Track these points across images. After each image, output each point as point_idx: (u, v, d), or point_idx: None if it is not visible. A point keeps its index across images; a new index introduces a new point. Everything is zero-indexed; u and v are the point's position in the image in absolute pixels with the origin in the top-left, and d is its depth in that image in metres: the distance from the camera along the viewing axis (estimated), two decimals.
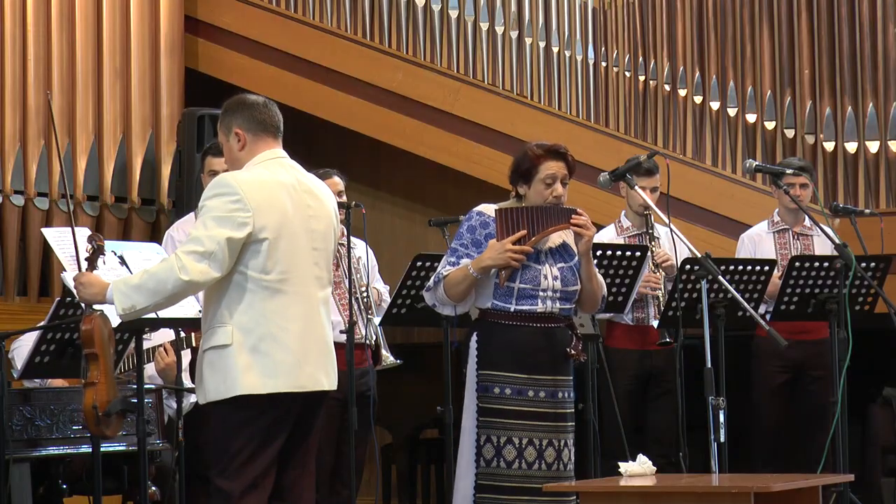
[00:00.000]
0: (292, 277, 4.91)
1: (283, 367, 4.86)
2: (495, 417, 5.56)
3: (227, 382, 4.86)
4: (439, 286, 5.60)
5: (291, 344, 4.88)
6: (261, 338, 4.86)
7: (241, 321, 4.86)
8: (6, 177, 8.66)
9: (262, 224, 4.85)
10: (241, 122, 5.03)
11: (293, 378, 4.89)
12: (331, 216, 5.09)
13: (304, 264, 4.94)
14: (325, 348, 5.02)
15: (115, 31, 9.28)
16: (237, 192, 4.86)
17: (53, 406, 6.40)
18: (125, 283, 4.91)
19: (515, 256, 5.51)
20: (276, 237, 4.88)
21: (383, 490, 8.99)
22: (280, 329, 4.87)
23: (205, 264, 4.80)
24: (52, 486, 6.75)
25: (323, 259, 5.02)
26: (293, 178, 4.99)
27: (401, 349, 7.65)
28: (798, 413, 7.80)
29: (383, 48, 9.59)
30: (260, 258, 4.86)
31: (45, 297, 8.74)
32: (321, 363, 4.99)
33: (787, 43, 9.00)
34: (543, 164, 5.63)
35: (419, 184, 10.16)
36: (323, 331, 5.01)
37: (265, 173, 4.96)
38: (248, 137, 5.02)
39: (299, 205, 4.96)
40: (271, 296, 4.87)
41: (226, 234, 4.82)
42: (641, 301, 7.46)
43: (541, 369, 5.60)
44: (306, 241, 4.96)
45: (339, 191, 7.18)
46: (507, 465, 5.53)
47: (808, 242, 7.77)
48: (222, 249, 4.81)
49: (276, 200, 4.91)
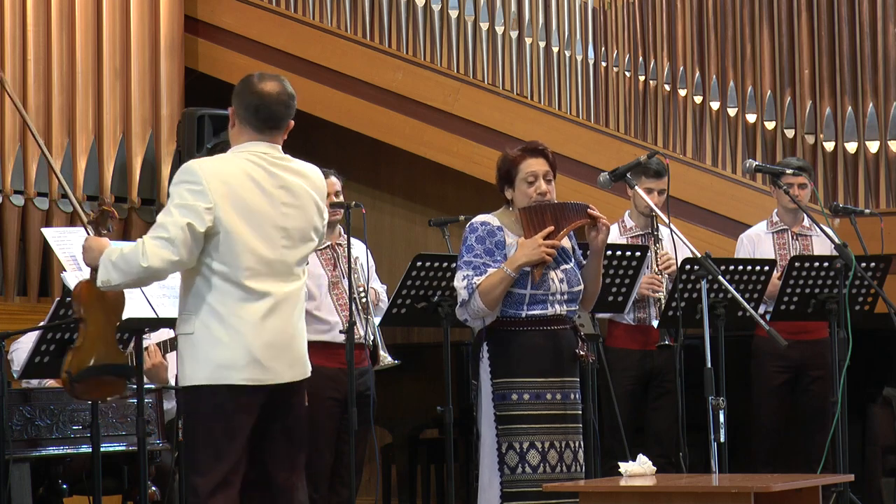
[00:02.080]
0: (259, 273, 4.87)
1: (241, 360, 4.84)
2: (516, 424, 5.57)
3: (191, 370, 4.89)
4: (474, 297, 5.58)
5: (250, 337, 4.85)
6: (221, 329, 4.85)
7: (203, 312, 4.87)
8: (6, 177, 8.66)
9: (222, 215, 4.83)
10: (237, 105, 5.00)
11: (251, 371, 4.86)
12: (311, 214, 5.02)
13: (269, 259, 4.90)
14: (290, 342, 4.96)
15: (115, 31, 9.28)
16: (201, 182, 4.84)
17: (53, 406, 6.41)
18: (108, 257, 4.93)
19: (549, 251, 5.54)
20: (237, 229, 4.85)
21: (383, 490, 8.99)
22: (241, 321, 4.85)
23: (167, 251, 4.80)
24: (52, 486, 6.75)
25: (294, 254, 4.98)
26: (267, 172, 4.93)
27: (401, 349, 7.66)
28: (798, 413, 7.80)
29: (383, 48, 9.59)
30: (220, 250, 4.85)
31: (45, 297, 8.74)
32: (284, 356, 4.94)
33: (787, 43, 9.00)
34: (523, 163, 5.67)
35: (419, 184, 10.16)
36: (287, 324, 4.95)
37: (235, 164, 4.92)
38: (238, 123, 5.00)
39: (271, 200, 4.91)
40: (235, 288, 4.85)
41: (187, 220, 4.81)
42: (643, 301, 7.46)
43: (553, 372, 5.62)
44: (275, 236, 4.91)
45: (336, 191, 7.18)
46: (532, 470, 5.55)
47: (807, 242, 7.77)
48: (184, 236, 4.80)
49: (241, 193, 4.87)
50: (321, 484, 7.08)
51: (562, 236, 5.61)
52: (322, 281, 7.07)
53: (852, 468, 6.92)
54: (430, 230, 9.51)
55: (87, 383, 5.34)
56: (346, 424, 6.86)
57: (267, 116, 4.97)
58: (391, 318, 6.85)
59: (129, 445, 6.63)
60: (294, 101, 5.04)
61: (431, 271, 6.73)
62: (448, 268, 6.66)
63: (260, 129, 4.97)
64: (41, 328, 6.20)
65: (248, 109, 4.97)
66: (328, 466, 7.10)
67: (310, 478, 7.07)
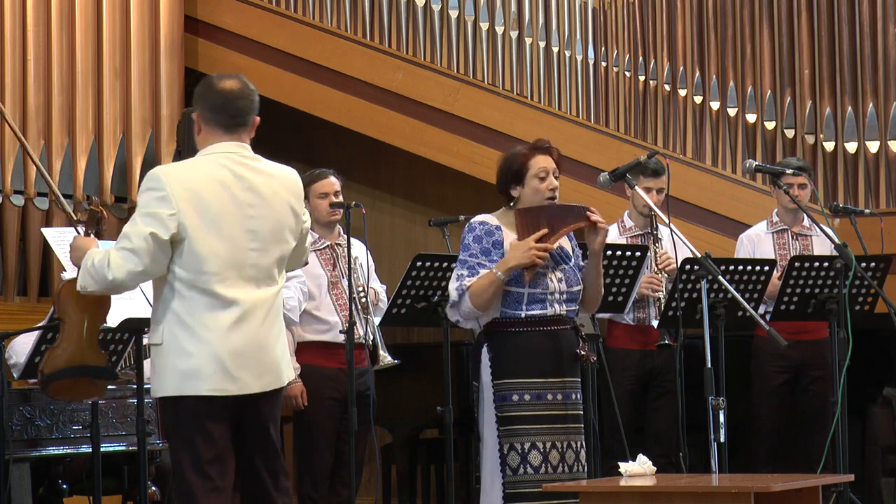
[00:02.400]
0: (225, 279, 4.79)
1: (206, 370, 4.76)
2: (517, 425, 5.57)
3: (160, 382, 4.84)
4: (464, 298, 5.58)
5: (217, 346, 4.77)
6: (187, 338, 4.77)
7: (170, 321, 4.80)
8: (6, 177, 8.66)
9: (185, 220, 4.76)
10: (200, 108, 4.95)
11: (217, 381, 4.77)
12: (282, 215, 4.93)
13: (237, 264, 4.82)
14: (260, 350, 4.84)
15: (115, 31, 9.28)
16: (164, 188, 4.78)
17: (53, 406, 6.41)
18: (86, 262, 4.88)
19: (540, 254, 5.52)
20: (200, 235, 4.78)
21: (383, 490, 8.99)
22: (207, 330, 4.77)
23: (130, 263, 4.76)
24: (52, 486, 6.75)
25: (266, 258, 4.87)
26: (234, 174, 4.86)
27: (401, 349, 7.65)
28: (798, 413, 7.80)
29: (383, 48, 9.59)
30: (184, 257, 4.78)
31: (45, 297, 8.74)
32: (251, 365, 4.82)
33: (787, 43, 8.99)
34: (533, 159, 5.68)
35: (419, 184, 10.16)
36: (259, 332, 4.84)
37: (200, 168, 4.87)
38: (203, 126, 4.95)
39: (237, 202, 4.83)
40: (200, 295, 4.78)
41: (150, 230, 4.75)
42: (643, 301, 7.46)
43: (554, 372, 5.62)
44: (242, 239, 4.83)
45: (335, 191, 7.18)
46: (534, 471, 5.55)
47: (807, 242, 7.77)
48: (147, 245, 4.74)
49: (206, 197, 4.80)
50: (321, 484, 7.08)
51: (555, 239, 5.59)
52: (322, 281, 7.08)
53: (852, 468, 6.92)
54: (430, 230, 9.50)
55: (61, 384, 5.31)
56: (346, 424, 6.87)
57: (234, 112, 4.90)
58: (391, 318, 6.85)
59: (129, 445, 6.63)
60: (256, 96, 4.97)
61: (431, 271, 6.73)
62: (448, 268, 6.65)
63: (227, 127, 4.91)
64: (41, 328, 6.20)
65: (214, 109, 4.92)
66: (328, 466, 7.10)
67: (310, 478, 7.09)
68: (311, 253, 7.09)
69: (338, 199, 7.16)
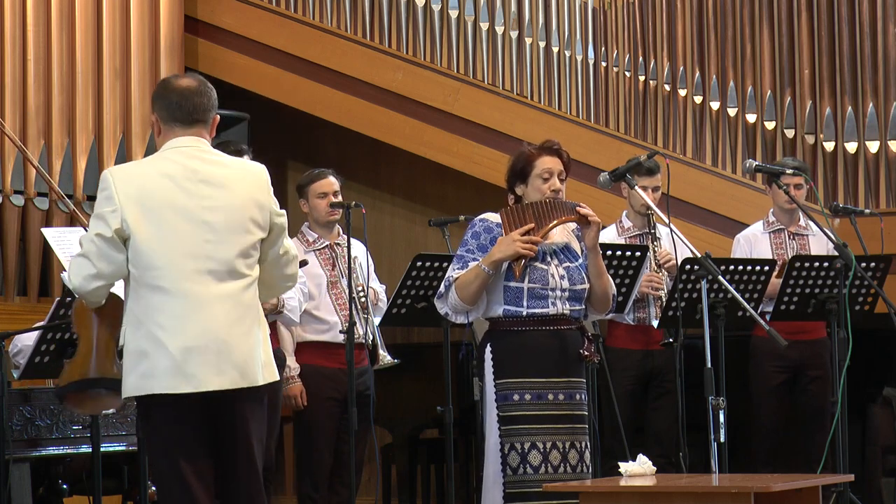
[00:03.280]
0: (174, 273, 4.67)
1: (159, 368, 4.65)
2: (517, 424, 5.57)
3: (123, 382, 4.76)
4: (451, 290, 5.59)
5: (170, 344, 4.64)
6: (143, 338, 4.68)
7: (129, 321, 4.73)
8: (6, 177, 8.66)
9: (129, 217, 4.68)
10: (158, 109, 4.86)
11: (170, 379, 4.64)
12: (242, 206, 4.77)
13: (191, 258, 4.69)
14: (220, 346, 4.67)
15: (115, 31, 9.29)
16: (109, 187, 4.71)
17: (53, 406, 6.41)
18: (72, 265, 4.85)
19: (524, 246, 5.52)
20: (145, 230, 4.68)
21: (383, 490, 8.99)
22: (159, 328, 4.66)
23: (84, 268, 4.73)
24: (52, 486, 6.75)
25: (224, 250, 4.72)
26: (185, 167, 4.75)
27: (401, 349, 7.65)
28: (798, 413, 7.80)
29: (383, 48, 9.59)
30: (136, 254, 4.69)
31: (45, 297, 8.74)
32: (210, 362, 4.65)
33: (787, 43, 8.99)
34: (539, 159, 5.68)
35: (419, 184, 10.16)
36: (216, 327, 4.67)
37: (150, 163, 4.82)
38: (162, 125, 4.85)
39: (189, 194, 4.72)
40: (151, 293, 4.68)
41: (95, 231, 4.70)
42: (643, 301, 7.46)
43: (557, 372, 5.61)
44: (195, 232, 4.71)
45: (334, 190, 7.19)
46: (533, 471, 5.54)
47: (803, 242, 7.77)
48: (96, 248, 4.69)
49: (154, 192, 4.70)
50: (321, 484, 7.08)
51: (543, 232, 5.58)
52: (321, 281, 7.09)
53: (852, 468, 6.92)
54: (430, 230, 9.51)
55: (74, 397, 5.30)
56: (346, 424, 6.87)
57: (190, 108, 4.80)
58: (391, 318, 6.85)
59: (129, 445, 6.64)
60: (214, 93, 4.89)
61: (431, 271, 6.73)
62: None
63: (185, 123, 4.81)
64: (41, 328, 6.20)
65: (170, 108, 4.82)
66: (328, 466, 7.10)
67: (310, 478, 7.09)
68: (310, 253, 7.11)
69: (337, 198, 7.16)
